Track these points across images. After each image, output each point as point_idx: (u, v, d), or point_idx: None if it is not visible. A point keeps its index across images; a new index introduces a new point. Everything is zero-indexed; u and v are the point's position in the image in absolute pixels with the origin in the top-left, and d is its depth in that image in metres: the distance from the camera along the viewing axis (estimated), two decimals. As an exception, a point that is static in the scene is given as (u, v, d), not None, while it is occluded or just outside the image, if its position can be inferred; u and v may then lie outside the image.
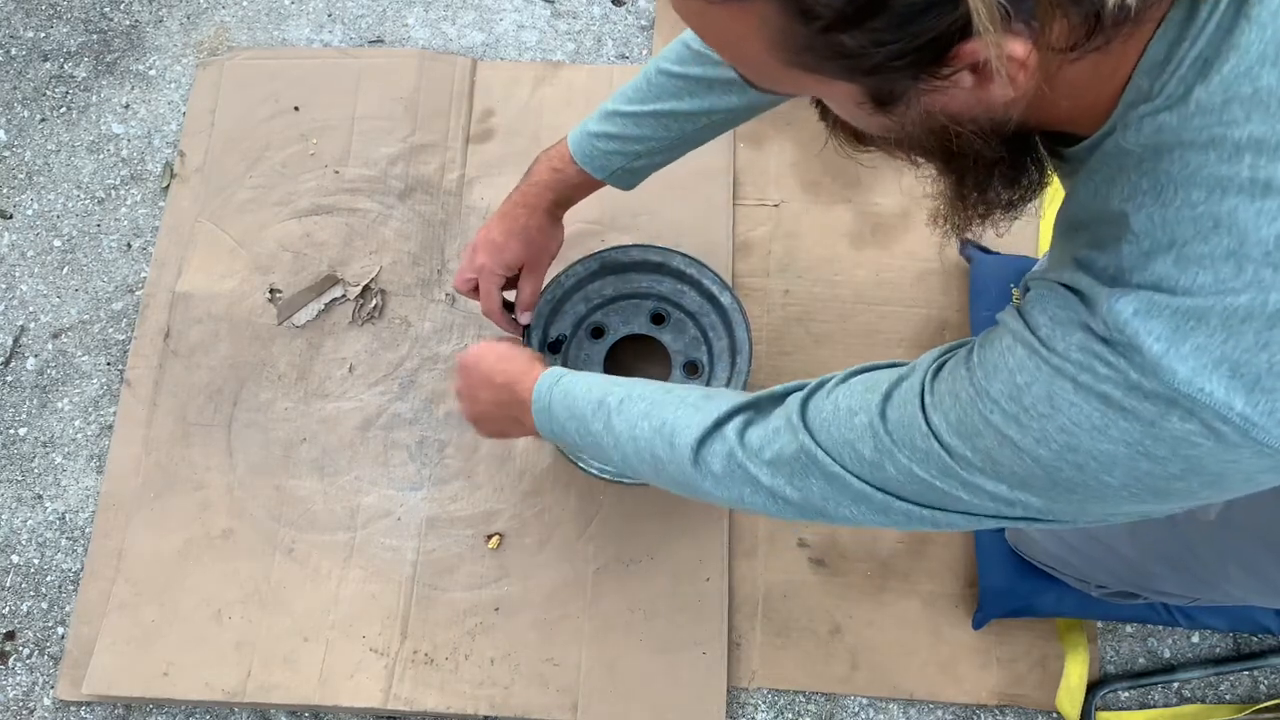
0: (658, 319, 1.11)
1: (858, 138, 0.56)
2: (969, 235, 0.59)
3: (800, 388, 0.64)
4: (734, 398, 0.67)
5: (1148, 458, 0.45)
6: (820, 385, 0.63)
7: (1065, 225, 0.54)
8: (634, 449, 0.71)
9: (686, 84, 0.83)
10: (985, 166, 0.52)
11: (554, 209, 0.95)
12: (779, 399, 0.65)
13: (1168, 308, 0.42)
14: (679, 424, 0.67)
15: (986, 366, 0.50)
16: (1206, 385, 0.42)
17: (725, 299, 1.07)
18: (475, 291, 0.99)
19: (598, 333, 1.12)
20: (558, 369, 0.82)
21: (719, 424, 0.66)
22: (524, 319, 1.03)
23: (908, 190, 1.24)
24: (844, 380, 0.61)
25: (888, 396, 0.56)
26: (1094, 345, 0.45)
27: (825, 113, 0.56)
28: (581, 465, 1.04)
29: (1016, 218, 0.57)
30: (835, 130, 0.57)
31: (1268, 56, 0.41)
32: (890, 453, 0.55)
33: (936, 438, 0.52)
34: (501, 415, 0.89)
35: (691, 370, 1.10)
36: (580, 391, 0.76)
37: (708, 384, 1.08)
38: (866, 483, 0.57)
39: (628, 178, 0.92)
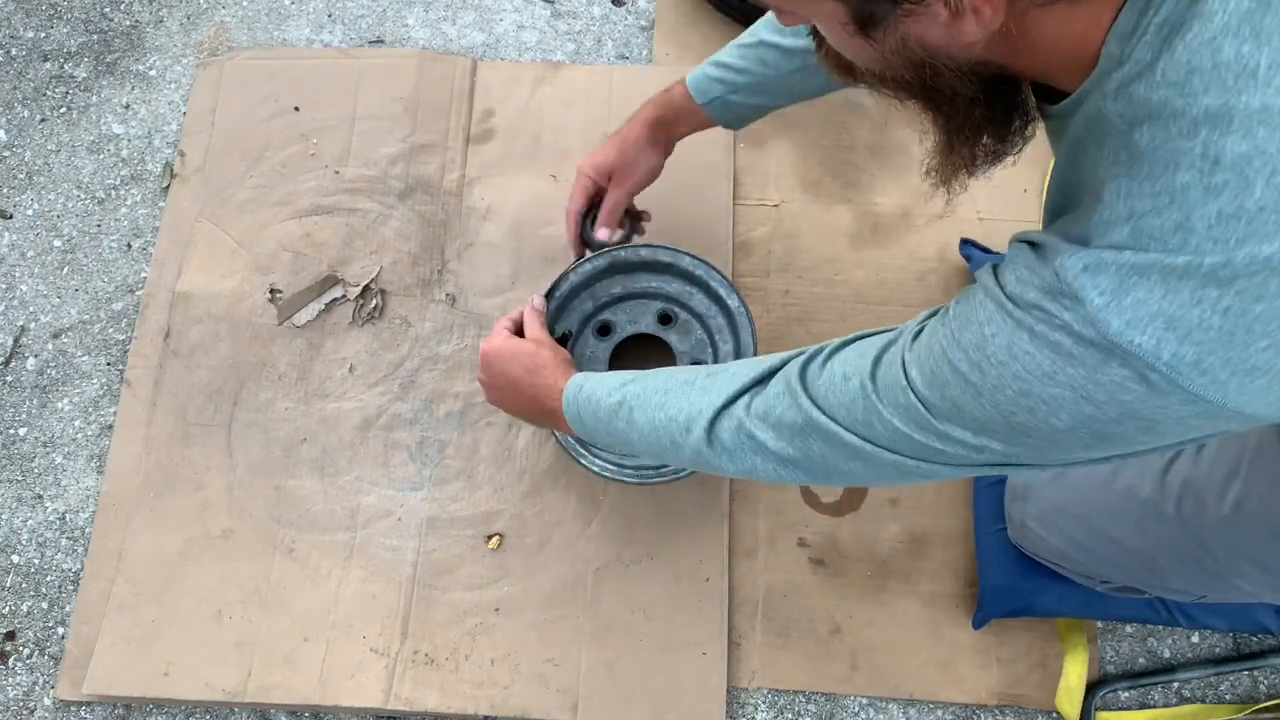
0: (665, 319, 1.11)
1: (847, 71, 0.60)
2: (956, 185, 0.63)
3: (799, 354, 0.68)
4: (739, 377, 0.71)
5: (1089, 402, 0.49)
6: (817, 352, 0.67)
7: (1053, 190, 0.58)
8: (655, 439, 0.76)
9: None
10: (967, 107, 0.56)
11: (655, 126, 0.99)
12: (778, 369, 0.69)
13: (1114, 263, 0.46)
14: (691, 409, 0.72)
15: (961, 319, 0.55)
16: (1138, 338, 0.45)
17: (733, 302, 1.07)
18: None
19: (604, 331, 1.12)
20: (578, 378, 0.86)
21: (729, 402, 0.70)
22: (600, 234, 1.07)
23: (908, 190, 1.25)
24: (839, 348, 0.66)
25: (877, 360, 0.61)
26: (1047, 301, 0.49)
27: (820, 43, 0.60)
28: (583, 462, 1.04)
29: (999, 165, 0.61)
30: (826, 60, 0.62)
31: (1230, 27, 0.43)
32: (877, 410, 0.59)
33: (913, 391, 0.57)
34: (533, 418, 0.95)
35: (693, 370, 1.10)
36: (601, 396, 0.81)
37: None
38: (860, 437, 0.61)
39: (725, 112, 0.96)
